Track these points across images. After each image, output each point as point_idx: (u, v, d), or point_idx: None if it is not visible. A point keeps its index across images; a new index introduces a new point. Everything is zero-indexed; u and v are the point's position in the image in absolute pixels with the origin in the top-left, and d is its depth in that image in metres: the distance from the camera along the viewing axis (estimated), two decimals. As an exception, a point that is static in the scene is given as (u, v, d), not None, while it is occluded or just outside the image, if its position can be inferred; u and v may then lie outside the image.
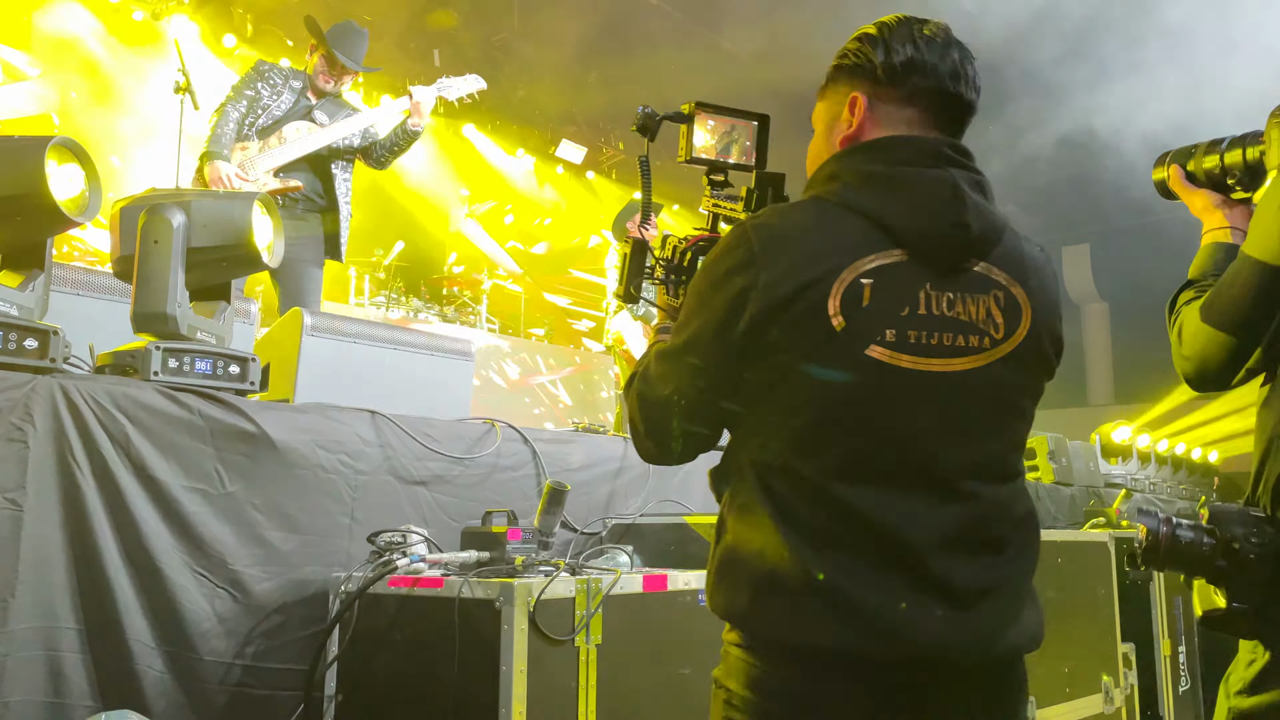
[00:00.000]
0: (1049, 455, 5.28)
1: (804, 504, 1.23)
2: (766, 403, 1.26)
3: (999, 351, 1.27)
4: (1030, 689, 2.82)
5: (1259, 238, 1.42)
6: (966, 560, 1.23)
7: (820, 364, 1.22)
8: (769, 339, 1.22)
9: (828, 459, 1.23)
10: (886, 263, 1.23)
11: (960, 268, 1.27)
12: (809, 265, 1.22)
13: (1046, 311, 1.32)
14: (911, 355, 1.22)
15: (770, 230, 1.25)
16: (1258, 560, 1.35)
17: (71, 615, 2.05)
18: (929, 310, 1.24)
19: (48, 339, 2.09)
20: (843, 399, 1.22)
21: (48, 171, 2.05)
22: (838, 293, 1.21)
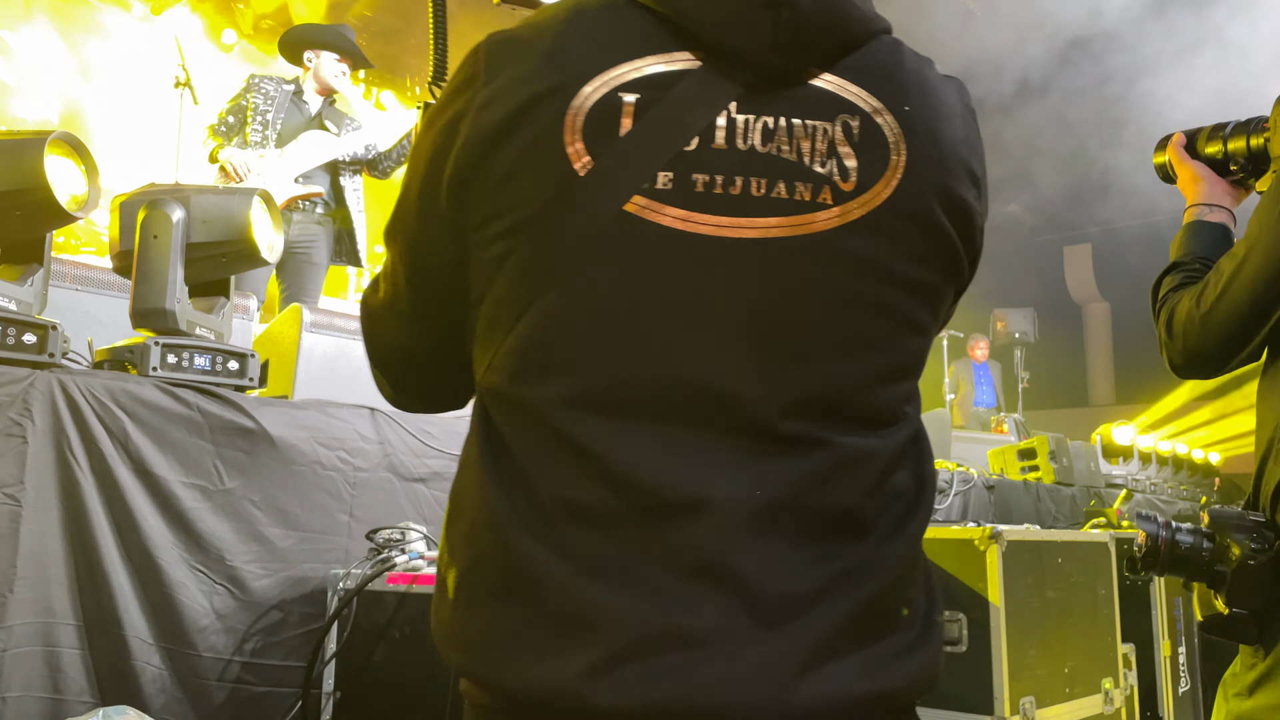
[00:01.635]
0: (1049, 455, 5.28)
1: (531, 452, 0.80)
2: (499, 288, 0.82)
3: (847, 210, 0.81)
4: (1029, 689, 2.83)
5: (1259, 236, 1.41)
6: (786, 546, 0.77)
7: (555, 227, 0.79)
8: (485, 190, 0.81)
9: (564, 381, 0.79)
10: (667, 69, 0.80)
11: (791, 78, 0.82)
12: (541, 74, 0.80)
13: (939, 158, 0.85)
14: (696, 212, 0.79)
15: (506, 36, 0.84)
16: (1257, 565, 1.35)
17: (70, 611, 2.05)
18: (730, 142, 0.80)
19: (46, 334, 2.08)
20: (589, 282, 0.79)
21: (47, 166, 2.05)
22: (579, 114, 0.79)
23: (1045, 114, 9.47)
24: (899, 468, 0.85)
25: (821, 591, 0.78)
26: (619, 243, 0.79)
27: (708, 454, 0.78)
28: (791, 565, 0.78)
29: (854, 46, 0.85)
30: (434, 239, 0.87)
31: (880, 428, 0.84)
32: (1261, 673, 1.37)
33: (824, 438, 0.80)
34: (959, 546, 2.86)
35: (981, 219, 0.90)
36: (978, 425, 9.02)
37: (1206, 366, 1.48)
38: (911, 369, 0.87)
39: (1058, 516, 5.07)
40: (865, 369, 0.83)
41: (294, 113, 4.45)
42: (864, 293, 0.82)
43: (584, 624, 0.75)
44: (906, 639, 0.83)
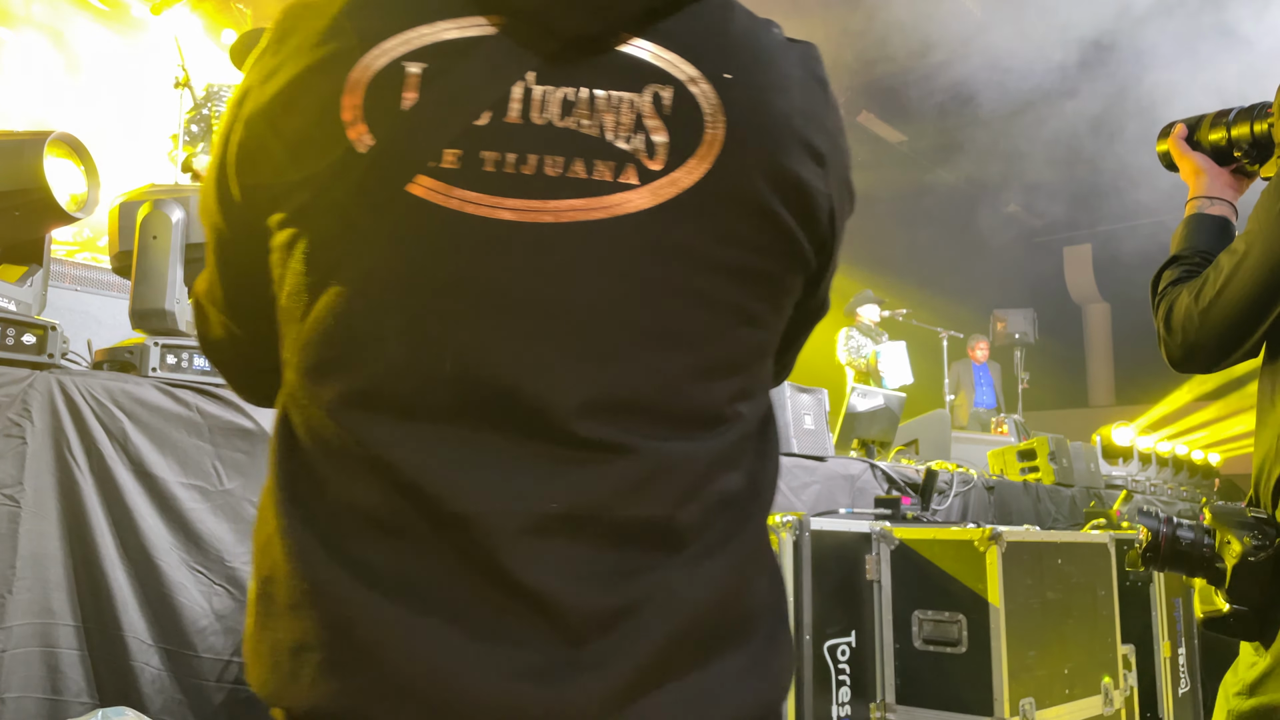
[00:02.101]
0: (1049, 456, 5.28)
1: (321, 458, 0.74)
2: (290, 280, 0.76)
3: (654, 192, 0.73)
4: (1029, 690, 2.83)
5: (1259, 234, 1.41)
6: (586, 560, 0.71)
7: (335, 212, 0.72)
8: (270, 171, 0.75)
9: (353, 378, 0.73)
10: (460, 36, 0.72)
11: (594, 46, 0.74)
12: (324, 40, 0.73)
13: (769, 131, 0.76)
14: (486, 194, 0.71)
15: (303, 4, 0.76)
16: (1258, 562, 1.34)
17: (69, 612, 2.05)
18: (526, 117, 0.72)
19: (46, 334, 2.08)
20: (371, 272, 0.72)
21: (46, 167, 2.05)
22: (359, 85, 0.71)
23: (1045, 114, 9.47)
24: (724, 472, 0.77)
25: (628, 610, 0.71)
26: (401, 228, 0.72)
27: (499, 459, 0.71)
28: (593, 583, 0.71)
29: (672, 8, 0.76)
30: (232, 225, 0.80)
31: (699, 429, 0.76)
32: (1263, 671, 1.37)
33: (629, 442, 0.73)
34: (959, 547, 2.86)
35: (829, 198, 0.80)
36: (977, 426, 9.02)
37: (1204, 362, 1.48)
38: (742, 364, 0.78)
39: (1057, 517, 5.07)
40: (678, 365, 0.75)
41: None
42: (675, 282, 0.74)
43: (373, 642, 0.69)
44: (747, 657, 0.76)
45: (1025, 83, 9.06)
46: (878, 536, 2.85)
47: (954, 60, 9.11)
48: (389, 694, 0.68)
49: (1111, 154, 9.32)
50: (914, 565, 2.87)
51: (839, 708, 2.68)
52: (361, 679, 0.69)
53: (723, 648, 0.75)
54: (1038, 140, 9.75)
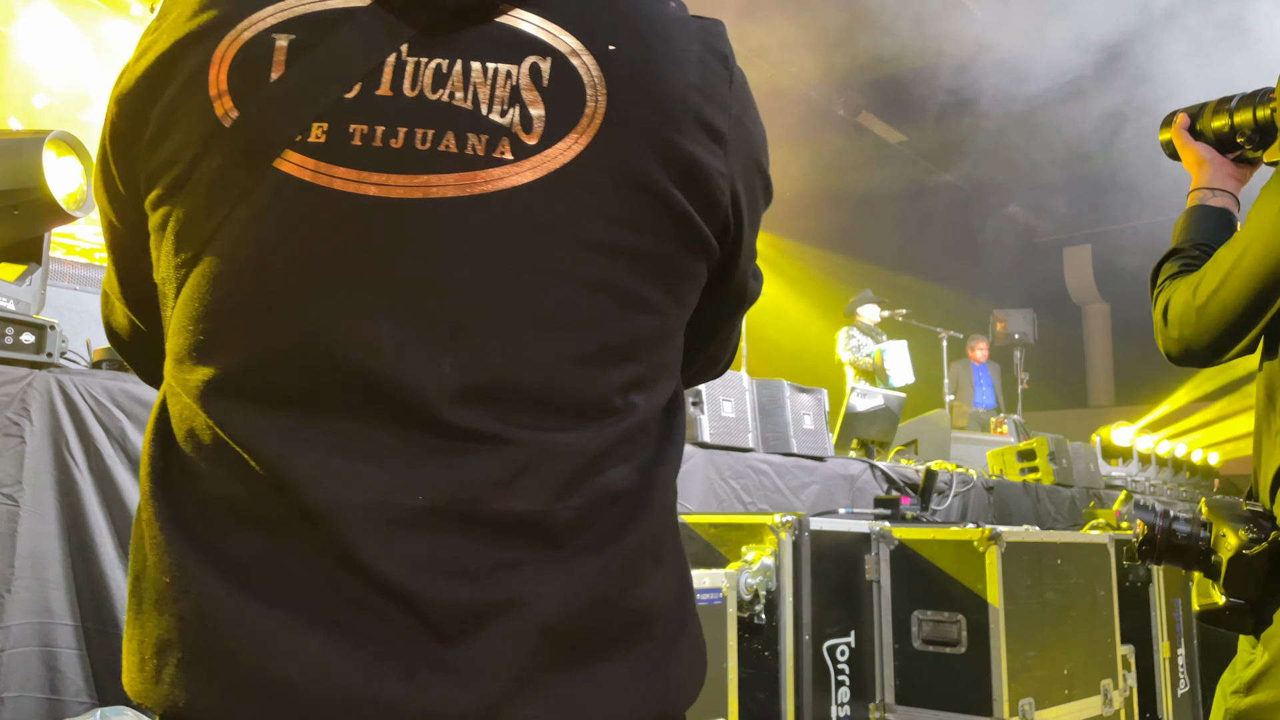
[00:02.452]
0: (1049, 456, 5.29)
1: (191, 448, 0.70)
2: (162, 266, 0.74)
3: (531, 167, 0.69)
4: (1029, 690, 2.83)
5: (1258, 231, 1.40)
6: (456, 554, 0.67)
7: (202, 189, 0.70)
8: (142, 149, 0.72)
9: (218, 364, 0.70)
10: (329, 7, 0.71)
11: (471, 15, 0.71)
12: (195, 14, 0.71)
13: (654, 105, 0.72)
14: (353, 169, 0.68)
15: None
16: (1254, 555, 1.34)
17: (68, 611, 2.05)
18: (397, 89, 0.69)
19: (44, 333, 2.08)
20: (236, 252, 0.69)
21: (45, 165, 2.05)
22: (225, 58, 0.69)
23: (1045, 115, 9.47)
24: (611, 465, 0.72)
25: (500, 608, 0.66)
26: (266, 204, 0.69)
27: (361, 448, 0.67)
28: (462, 579, 0.66)
29: None
30: (117, 210, 0.78)
31: (585, 420, 0.71)
32: (1259, 670, 1.37)
33: (504, 432, 0.68)
34: (958, 548, 2.86)
35: (729, 179, 0.75)
36: (977, 426, 9.02)
37: (1200, 357, 1.48)
38: (635, 352, 0.73)
39: (1057, 518, 5.07)
40: (559, 351, 0.70)
41: None
42: (552, 262, 0.69)
43: (232, 640, 0.65)
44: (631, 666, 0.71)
45: (1025, 83, 9.06)
46: (877, 537, 2.85)
47: (954, 61, 9.11)
48: (247, 695, 0.64)
49: (1111, 154, 9.32)
50: (913, 565, 2.87)
51: (838, 708, 2.67)
52: (220, 680, 0.65)
53: (609, 652, 0.70)
54: (1038, 141, 9.76)
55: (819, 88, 9.07)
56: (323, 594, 0.65)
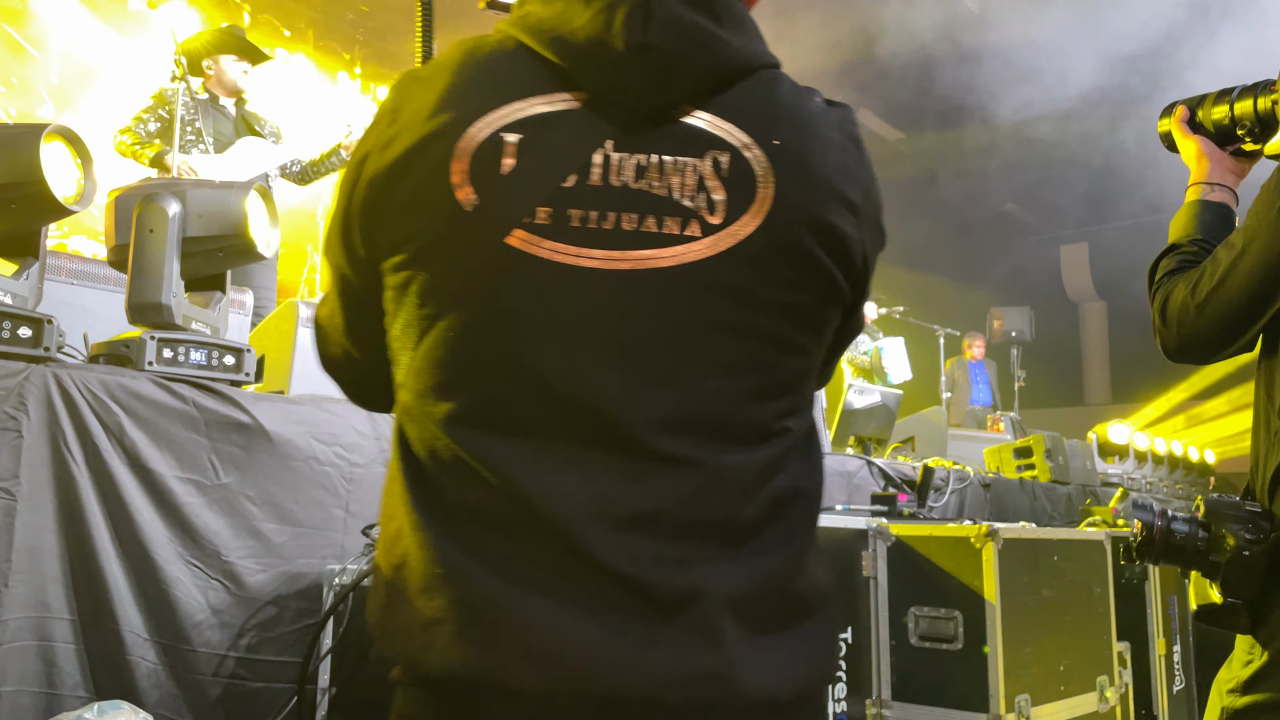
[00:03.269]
0: (1045, 453, 5.29)
1: (436, 465, 0.86)
2: (403, 316, 0.89)
3: (714, 243, 0.85)
4: (1025, 687, 2.83)
5: (1257, 230, 1.40)
6: (662, 550, 0.84)
7: (445, 259, 0.86)
8: (388, 219, 0.88)
9: (458, 398, 0.86)
10: (548, 110, 0.86)
11: (660, 116, 0.87)
12: (434, 113, 0.86)
13: (810, 189, 0.89)
14: (572, 245, 0.84)
15: (412, 75, 0.91)
16: (1252, 555, 1.34)
17: (64, 606, 2.05)
18: (606, 179, 0.85)
19: (42, 328, 2.08)
20: (475, 311, 0.85)
21: (43, 159, 2.04)
22: (465, 153, 0.85)
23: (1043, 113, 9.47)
24: (774, 478, 0.89)
25: (699, 592, 0.84)
26: (501, 274, 0.85)
27: (582, 468, 0.84)
28: (668, 568, 0.84)
29: (728, 83, 0.90)
30: (355, 268, 0.94)
31: (753, 444, 0.89)
32: (1256, 669, 1.37)
33: (693, 454, 0.86)
34: (955, 544, 2.86)
35: (861, 243, 0.93)
36: (974, 423, 9.03)
37: (1198, 355, 1.48)
38: (790, 386, 0.91)
39: (1053, 515, 5.08)
40: (736, 389, 0.88)
41: (219, 119, 4.53)
42: (730, 319, 0.87)
43: (497, 617, 0.82)
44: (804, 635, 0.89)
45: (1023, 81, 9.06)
46: (874, 533, 2.85)
47: (952, 58, 9.10)
48: (516, 658, 0.81)
49: (1109, 152, 9.33)
50: (910, 562, 2.88)
51: (835, 704, 2.68)
52: (489, 646, 0.82)
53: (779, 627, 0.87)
54: (1035, 138, 9.76)
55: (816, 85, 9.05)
56: (561, 581, 0.83)
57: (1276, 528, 1.37)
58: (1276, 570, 1.35)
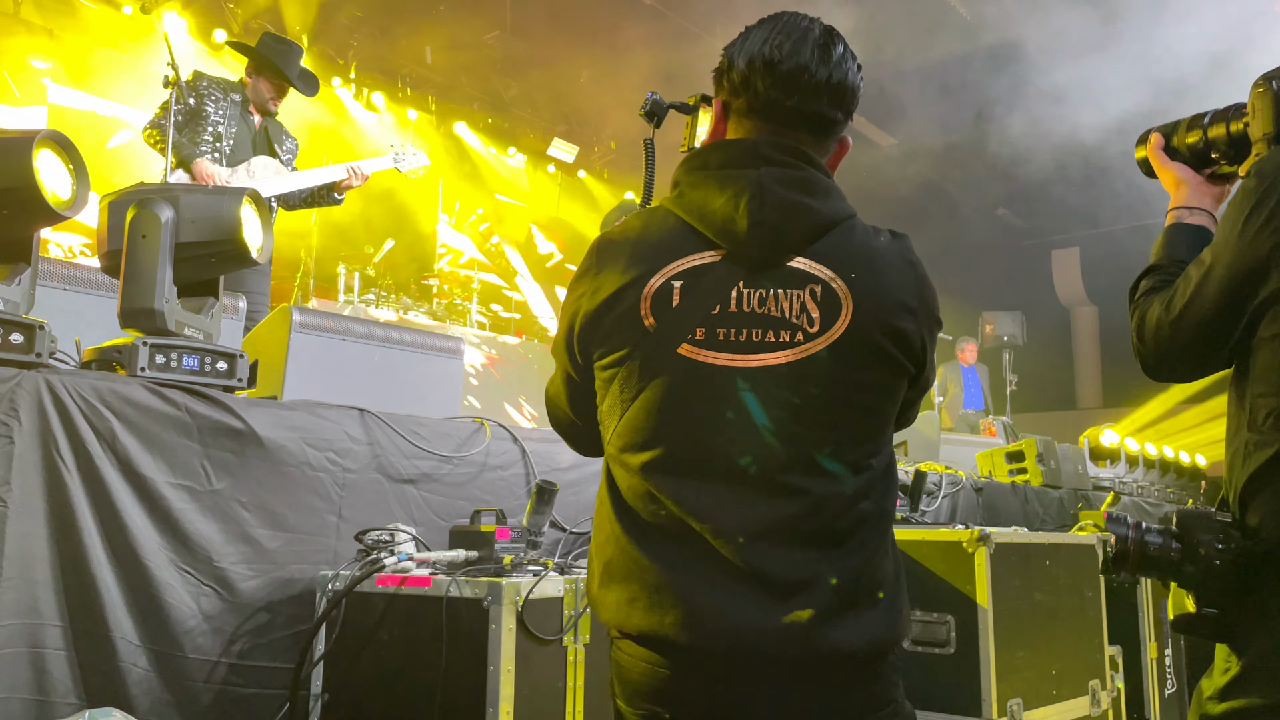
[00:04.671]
0: (1037, 458, 5.30)
1: (634, 494, 1.31)
2: (610, 397, 1.34)
3: (813, 345, 1.27)
4: (1017, 690, 2.84)
5: (1223, 246, 1.42)
6: (785, 552, 1.24)
7: (639, 363, 1.30)
8: (599, 339, 1.33)
9: (649, 452, 1.30)
10: (700, 263, 1.30)
11: (773, 263, 1.29)
12: (626, 271, 1.31)
13: (878, 304, 1.29)
14: (721, 352, 1.27)
15: (608, 241, 1.37)
16: (1223, 566, 1.36)
17: (56, 612, 2.04)
18: (740, 307, 1.28)
19: (34, 333, 2.07)
20: (659, 395, 1.29)
21: (36, 165, 2.04)
22: (649, 295, 1.29)
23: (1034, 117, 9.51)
24: (861, 502, 1.30)
25: (809, 581, 1.25)
26: (675, 372, 1.29)
27: (730, 496, 1.27)
28: (788, 564, 1.25)
29: (818, 236, 1.31)
30: (574, 366, 1.40)
31: (847, 478, 1.29)
32: (1233, 677, 1.38)
33: (806, 485, 1.27)
34: (947, 548, 2.87)
35: (919, 336, 1.34)
36: (966, 428, 9.04)
37: (1177, 370, 1.49)
38: (870, 436, 1.32)
39: (1045, 519, 5.09)
40: (836, 441, 1.29)
41: (243, 127, 4.50)
42: (826, 393, 1.28)
43: (670, 597, 1.26)
44: (876, 611, 1.28)
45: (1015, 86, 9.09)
46: (867, 538, 2.85)
47: (943, 63, 9.13)
48: (677, 624, 1.24)
49: (1100, 157, 9.36)
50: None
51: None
52: (668, 615, 1.25)
53: (863, 603, 1.27)
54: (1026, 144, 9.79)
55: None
56: (719, 575, 1.25)
57: (1248, 537, 1.38)
58: (1248, 579, 1.36)
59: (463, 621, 2.03)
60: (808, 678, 1.25)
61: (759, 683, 1.24)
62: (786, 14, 1.36)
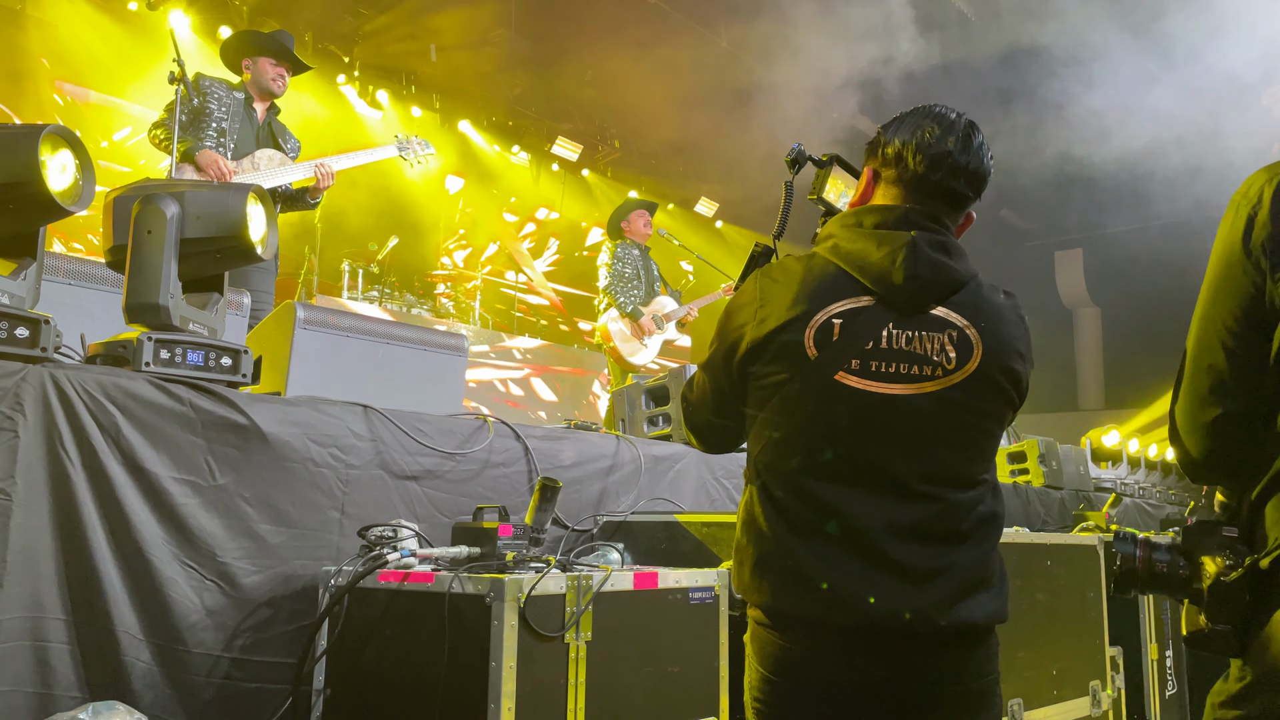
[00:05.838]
0: (1039, 459, 5.30)
1: (788, 497, 1.54)
2: (765, 411, 1.57)
3: (950, 379, 1.52)
4: (1018, 690, 2.84)
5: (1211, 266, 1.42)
6: (921, 547, 1.49)
7: (799, 385, 1.52)
8: (762, 362, 1.55)
9: (805, 460, 1.52)
10: (857, 306, 1.53)
11: (920, 310, 1.54)
12: (792, 308, 1.54)
13: (999, 349, 1.55)
14: (873, 380, 1.51)
15: (771, 279, 1.60)
16: (1232, 582, 1.36)
17: (59, 606, 2.04)
18: (890, 345, 1.52)
19: (39, 328, 2.08)
20: (817, 413, 1.52)
21: (42, 160, 2.04)
22: (813, 330, 1.52)
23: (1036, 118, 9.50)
24: (980, 506, 1.56)
25: (941, 570, 1.50)
26: (832, 395, 1.51)
27: (876, 500, 1.50)
28: (924, 557, 1.50)
29: (955, 290, 1.56)
30: (728, 379, 1.62)
31: (969, 488, 1.56)
32: (1245, 685, 1.38)
33: (939, 494, 1.53)
34: (949, 548, 2.86)
35: (1026, 374, 1.61)
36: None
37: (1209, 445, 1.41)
38: (987, 454, 1.60)
39: (1047, 519, 5.09)
40: (959, 458, 1.55)
41: (246, 123, 4.49)
42: (957, 419, 1.54)
43: (819, 583, 1.48)
44: (990, 594, 1.54)
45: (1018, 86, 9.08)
46: (868, 537, 2.85)
47: (946, 62, 9.13)
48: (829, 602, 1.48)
49: (1103, 159, 9.35)
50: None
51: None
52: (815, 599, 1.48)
53: (981, 588, 1.54)
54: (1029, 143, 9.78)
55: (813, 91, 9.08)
56: (860, 564, 1.49)
57: (1255, 553, 1.38)
58: (1258, 595, 1.36)
59: (465, 618, 2.04)
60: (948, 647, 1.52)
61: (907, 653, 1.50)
62: (939, 106, 1.64)
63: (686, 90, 9.51)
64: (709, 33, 9.45)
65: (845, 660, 1.49)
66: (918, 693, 1.50)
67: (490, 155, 11.03)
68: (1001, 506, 1.60)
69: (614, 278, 6.05)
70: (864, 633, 1.47)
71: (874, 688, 1.49)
